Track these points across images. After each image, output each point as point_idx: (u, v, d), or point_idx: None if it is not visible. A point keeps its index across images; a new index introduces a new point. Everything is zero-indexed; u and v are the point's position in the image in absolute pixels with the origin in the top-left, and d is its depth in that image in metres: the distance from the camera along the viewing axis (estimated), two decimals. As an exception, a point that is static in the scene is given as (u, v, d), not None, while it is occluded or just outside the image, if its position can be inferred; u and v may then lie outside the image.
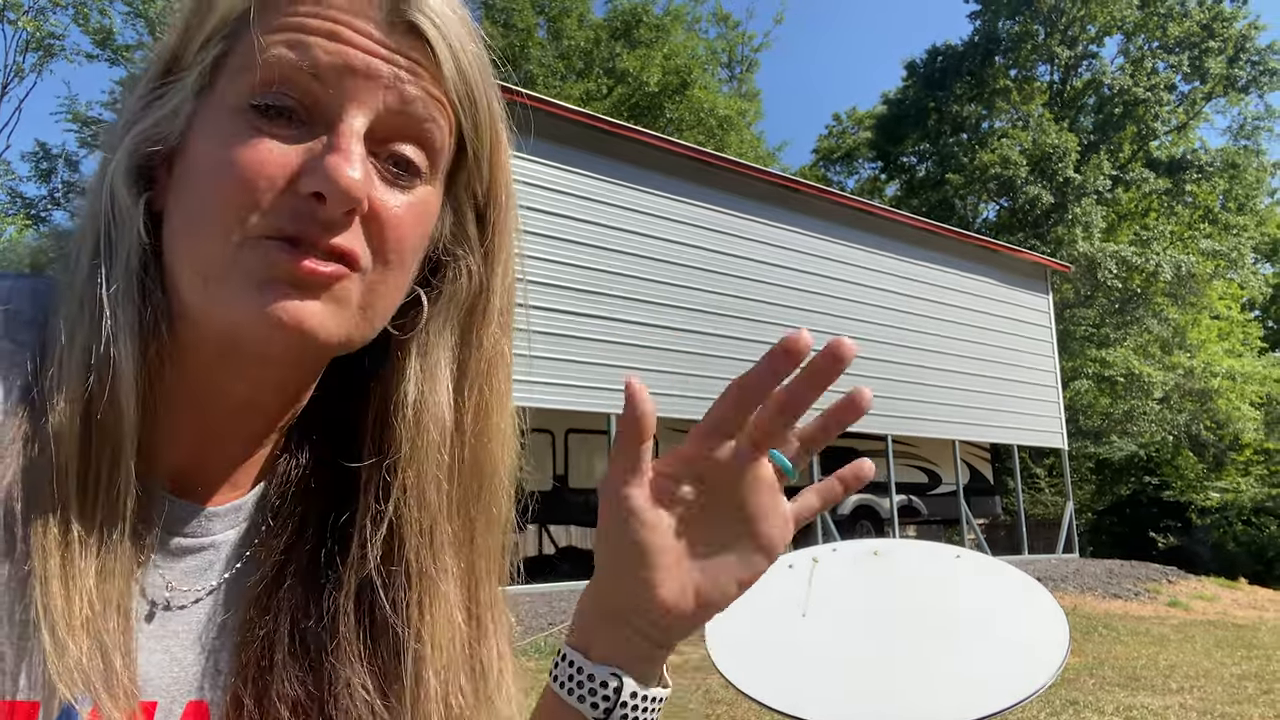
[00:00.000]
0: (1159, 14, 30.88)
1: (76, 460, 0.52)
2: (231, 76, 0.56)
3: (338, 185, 0.53)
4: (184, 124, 0.57)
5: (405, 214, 0.59)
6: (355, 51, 0.55)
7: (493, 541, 0.69)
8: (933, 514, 17.27)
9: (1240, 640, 9.76)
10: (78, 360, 0.53)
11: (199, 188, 0.55)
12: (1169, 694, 6.60)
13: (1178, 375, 25.09)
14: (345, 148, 0.54)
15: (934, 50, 34.44)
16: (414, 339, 0.64)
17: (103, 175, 0.57)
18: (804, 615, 0.79)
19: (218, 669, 0.61)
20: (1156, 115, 30.81)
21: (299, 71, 0.54)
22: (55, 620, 0.50)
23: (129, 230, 0.56)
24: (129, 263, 0.55)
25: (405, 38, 0.57)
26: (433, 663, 0.64)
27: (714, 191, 13.51)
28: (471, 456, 0.66)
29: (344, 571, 0.64)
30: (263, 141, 0.54)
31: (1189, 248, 28.44)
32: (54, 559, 0.50)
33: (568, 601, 10.09)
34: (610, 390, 11.97)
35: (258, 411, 0.63)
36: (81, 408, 0.53)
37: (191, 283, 0.55)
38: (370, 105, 0.56)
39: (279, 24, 0.55)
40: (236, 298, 0.54)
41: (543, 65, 27.46)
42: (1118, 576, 13.95)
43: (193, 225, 0.55)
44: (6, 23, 21.49)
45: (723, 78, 35.22)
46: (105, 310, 0.54)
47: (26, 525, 0.51)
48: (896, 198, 34.68)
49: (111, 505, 0.53)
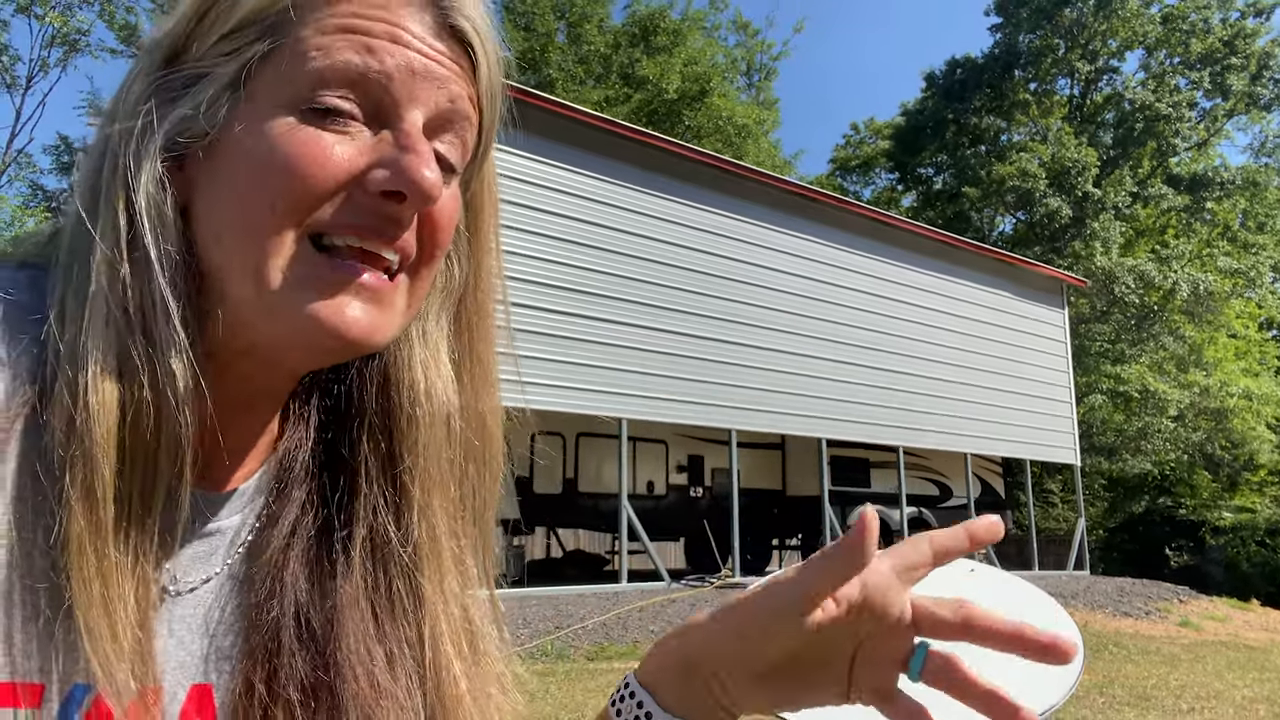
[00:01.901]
0: (1181, 30, 30.73)
1: (114, 468, 0.51)
2: (281, 73, 0.55)
3: (421, 185, 0.54)
4: (220, 120, 0.55)
5: (451, 212, 0.61)
6: (416, 55, 0.56)
7: (487, 522, 0.71)
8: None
9: (1252, 662, 9.66)
10: (114, 369, 0.52)
11: (251, 184, 0.54)
12: (1179, 714, 6.54)
13: (1193, 393, 24.90)
14: (421, 149, 0.55)
15: (953, 62, 34.39)
16: (414, 326, 0.66)
17: (114, 167, 0.55)
18: (814, 626, 0.78)
19: (222, 653, 0.61)
20: (1177, 131, 30.63)
21: (365, 75, 0.55)
22: (93, 623, 0.50)
23: (169, 236, 0.54)
24: (172, 269, 0.54)
25: (450, 42, 0.59)
26: (449, 636, 0.65)
27: (731, 199, 13.52)
28: (471, 438, 0.68)
29: (352, 551, 0.64)
30: (323, 137, 0.54)
31: (1207, 265, 28.25)
32: (89, 562, 0.50)
33: (574, 605, 10.07)
34: (621, 395, 11.97)
35: (269, 396, 0.64)
36: (119, 417, 0.51)
37: (241, 282, 0.55)
38: (428, 106, 0.57)
39: (333, 24, 0.55)
40: (297, 304, 0.54)
41: (562, 70, 27.54)
42: (1128, 595, 13.84)
43: (244, 223, 0.54)
44: (33, 17, 21.72)
45: (741, 85, 35.27)
46: (154, 317, 0.53)
47: (39, 516, 0.50)
48: (913, 209, 34.60)
49: (145, 513, 0.53)
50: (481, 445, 0.69)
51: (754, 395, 13.27)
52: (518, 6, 27.87)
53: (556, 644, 8.62)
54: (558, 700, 6.31)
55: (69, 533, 0.50)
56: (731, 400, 13.02)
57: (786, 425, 13.81)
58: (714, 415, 12.89)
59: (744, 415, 13.14)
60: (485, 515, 0.71)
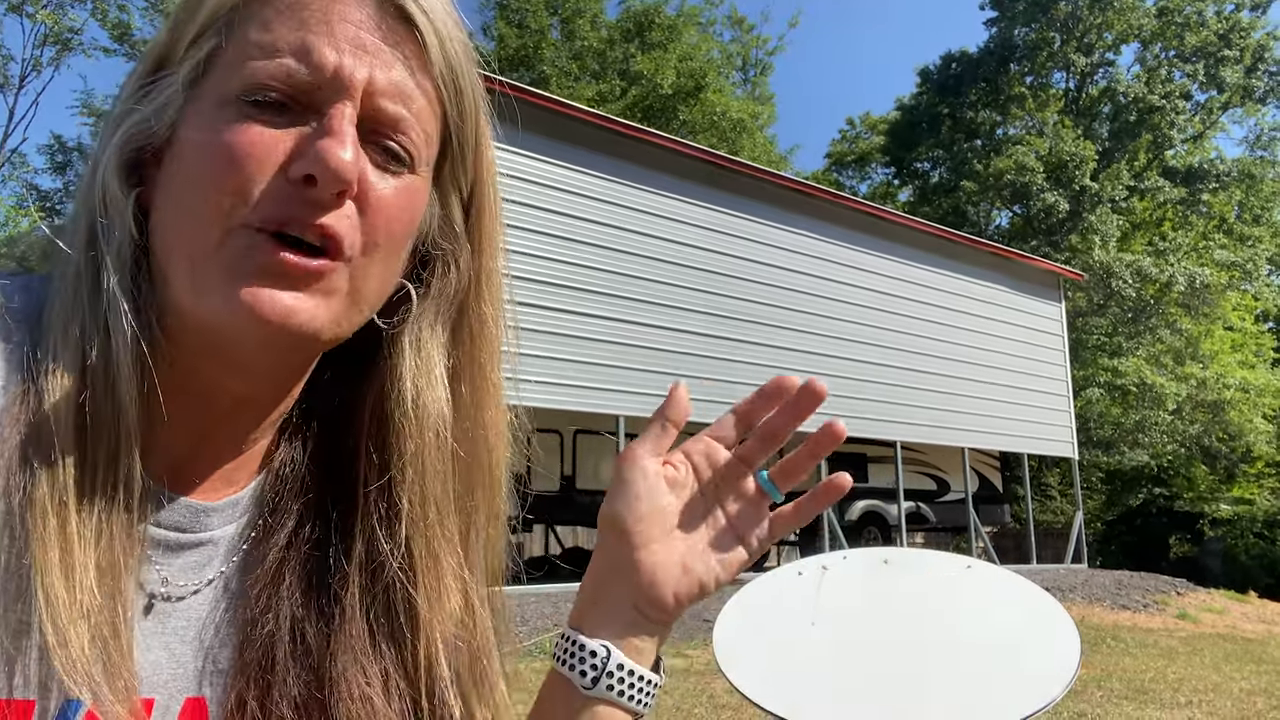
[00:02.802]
0: (1176, 23, 30.74)
1: (74, 454, 0.52)
2: (224, 70, 0.56)
3: (328, 165, 0.54)
4: (174, 117, 0.56)
5: (395, 199, 0.59)
6: (347, 45, 0.56)
7: (492, 533, 0.70)
8: (941, 521, 17.21)
9: (1249, 654, 9.68)
10: (72, 354, 0.53)
11: (187, 175, 0.55)
12: (1177, 708, 6.55)
13: (1190, 386, 24.95)
14: (338, 129, 0.55)
15: (949, 56, 34.37)
16: (406, 333, 0.64)
17: (94, 170, 0.57)
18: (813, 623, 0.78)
19: (216, 666, 0.61)
20: (1173, 124, 30.65)
21: (290, 67, 0.55)
22: (57, 614, 0.49)
23: (120, 224, 0.55)
24: (121, 256, 0.55)
25: (395, 24, 0.58)
26: (446, 654, 0.64)
27: (726, 195, 13.50)
28: (469, 449, 0.67)
29: (347, 567, 0.63)
30: (252, 127, 0.54)
31: (1203, 258, 28.28)
32: (54, 552, 0.50)
33: (572, 602, 10.07)
34: (619, 392, 11.97)
35: (252, 406, 0.63)
36: (77, 402, 0.52)
37: (178, 273, 0.55)
38: (356, 94, 0.56)
39: (272, 16, 0.56)
40: (219, 288, 0.54)
41: (556, 66, 27.49)
42: (1126, 587, 13.87)
43: (180, 214, 0.55)
44: (25, 16, 21.65)
45: (736, 81, 35.23)
46: (101, 304, 0.54)
47: (23, 520, 0.50)
48: (909, 203, 34.60)
49: (110, 500, 0.53)
50: (483, 454, 0.68)
51: (751, 390, 13.24)
52: (511, 3, 27.82)
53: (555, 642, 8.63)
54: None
55: (32, 498, 0.50)
56: (729, 396, 13.00)
57: (784, 421, 13.77)
58: (712, 411, 12.75)
59: (741, 411, 13.13)
60: (490, 526, 0.70)
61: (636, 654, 0.66)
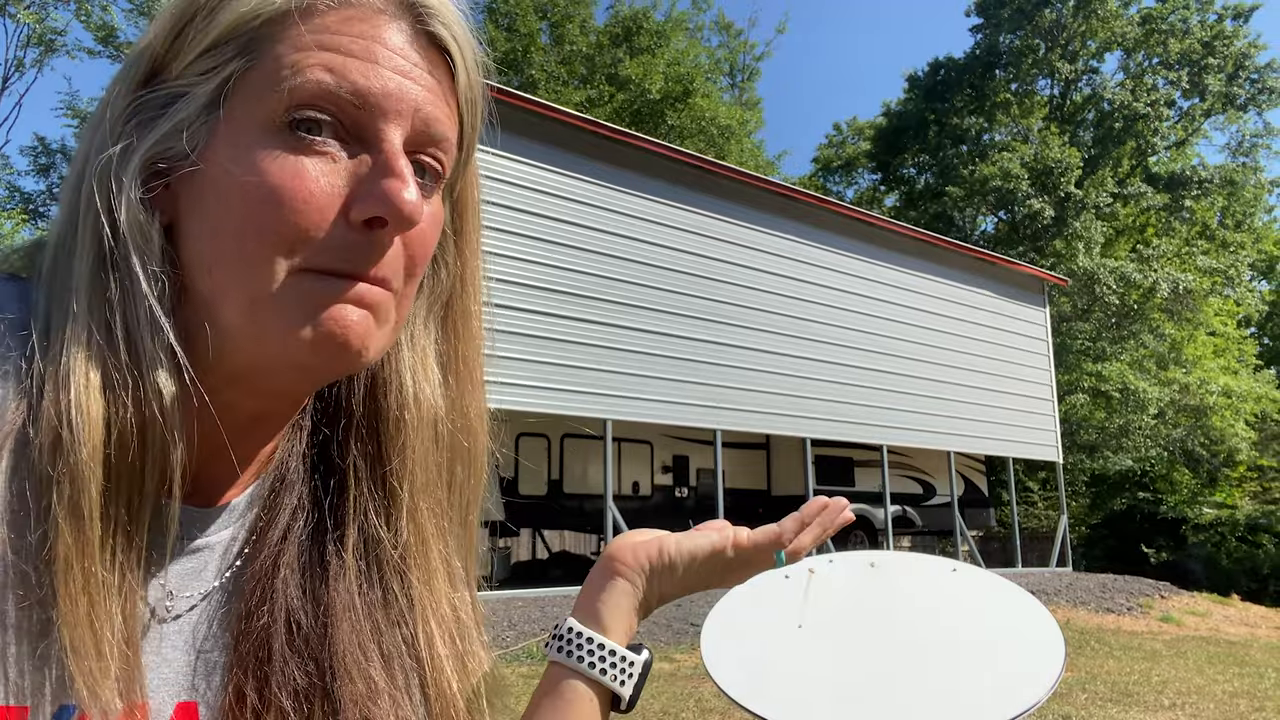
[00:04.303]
0: (1160, 31, 31.01)
1: (101, 487, 0.51)
2: (257, 93, 0.54)
3: (401, 210, 0.54)
4: (201, 140, 0.55)
5: (430, 226, 0.60)
6: (390, 72, 0.55)
7: (471, 519, 0.72)
8: (927, 525, 17.29)
9: (1232, 657, 9.76)
10: (98, 387, 0.51)
11: (240, 213, 0.53)
12: (1161, 710, 6.59)
13: (1173, 391, 25.13)
14: (400, 170, 0.55)
15: (935, 63, 34.57)
16: (403, 330, 0.66)
17: (101, 186, 0.54)
18: (800, 626, 0.78)
19: (210, 667, 0.61)
20: (1156, 131, 30.92)
21: (338, 96, 0.54)
22: (78, 641, 0.49)
23: (153, 254, 0.54)
24: (157, 287, 0.54)
25: (427, 49, 0.58)
26: (441, 635, 0.66)
27: (714, 199, 13.54)
28: (458, 440, 0.69)
29: (343, 554, 0.64)
30: (305, 166, 0.53)
31: (1186, 264, 28.51)
32: (76, 580, 0.49)
33: (560, 607, 10.06)
34: (607, 396, 11.97)
35: (267, 421, 0.64)
36: (104, 436, 0.51)
37: (233, 309, 0.54)
38: (406, 122, 0.56)
39: (309, 40, 0.54)
40: (292, 326, 0.54)
41: (544, 71, 27.50)
42: (1110, 591, 13.95)
43: (237, 253, 0.54)
44: (7, 16, 21.51)
45: (724, 86, 35.32)
46: (139, 334, 0.53)
47: (26, 534, 0.50)
48: (895, 209, 34.75)
49: (133, 530, 0.53)
50: (467, 446, 0.69)
51: (739, 395, 13.29)
52: (500, 7, 27.81)
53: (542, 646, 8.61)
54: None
55: (56, 551, 0.49)
56: (716, 400, 13.04)
57: (771, 425, 13.84)
58: (699, 416, 12.90)
59: (729, 415, 13.16)
60: (469, 516, 0.71)
61: (596, 622, 0.73)
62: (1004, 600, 0.82)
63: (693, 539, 0.77)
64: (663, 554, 0.76)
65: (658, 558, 0.75)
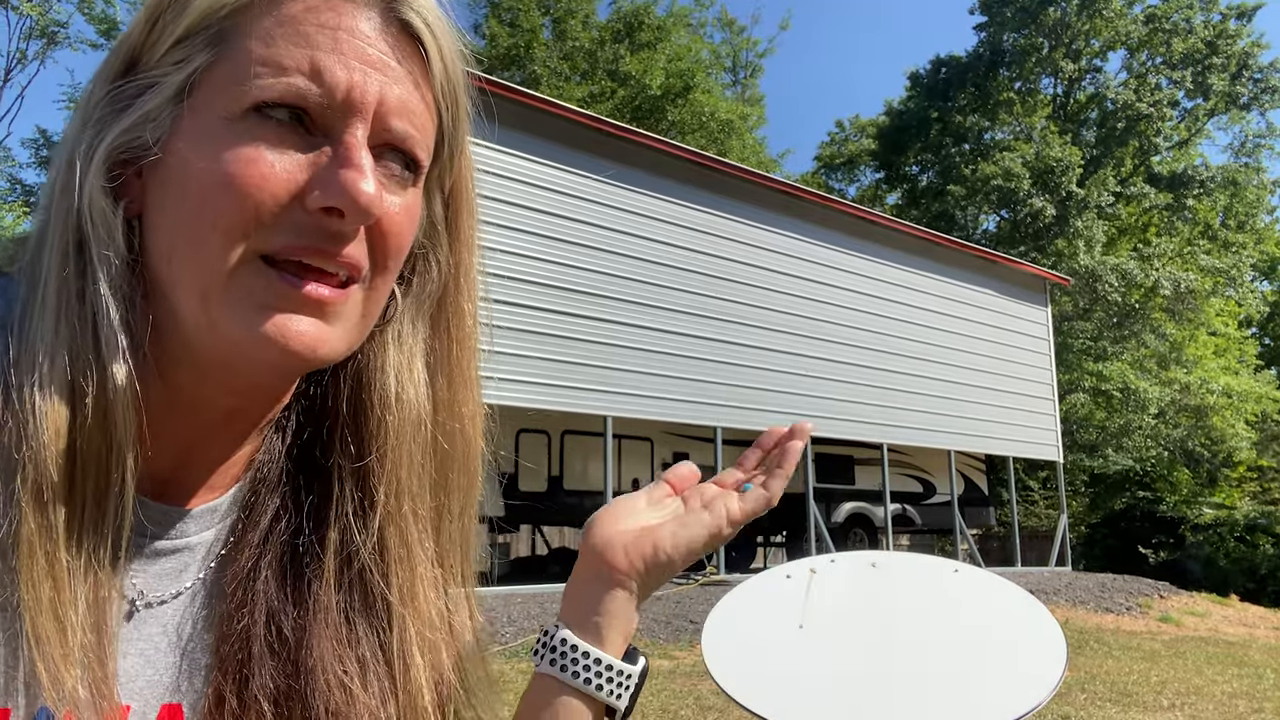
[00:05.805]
0: (1164, 30, 30.96)
1: (65, 491, 0.50)
2: (223, 85, 0.54)
3: (357, 201, 0.53)
4: (165, 130, 0.54)
5: (402, 218, 0.59)
6: (356, 62, 0.54)
7: (466, 524, 0.70)
8: (927, 524, 17.28)
9: (1231, 657, 9.76)
10: (60, 383, 0.51)
11: (193, 202, 0.53)
12: (1160, 710, 6.59)
13: (1174, 391, 25.12)
14: (358, 162, 0.54)
15: (938, 61, 34.52)
16: (388, 329, 0.65)
17: (70, 175, 0.54)
18: (801, 626, 0.78)
19: (193, 669, 0.60)
20: (1159, 130, 30.87)
21: (301, 91, 0.53)
22: (49, 657, 0.49)
23: (113, 242, 0.54)
24: (113, 273, 0.53)
25: (399, 38, 0.57)
26: (419, 644, 0.65)
27: (715, 196, 13.52)
28: (446, 442, 0.67)
29: (323, 557, 0.63)
30: (264, 153, 0.53)
31: (1188, 264, 28.49)
32: (44, 591, 0.49)
33: (559, 603, 10.05)
34: (607, 392, 11.97)
35: (242, 418, 0.63)
36: (68, 437, 0.51)
37: (189, 299, 0.54)
38: (369, 113, 0.55)
39: (277, 32, 0.54)
40: (240, 319, 0.53)
41: (547, 66, 27.46)
42: (1110, 590, 13.95)
43: (186, 241, 0.53)
44: (10, 9, 21.48)
45: (726, 82, 35.28)
46: (92, 331, 0.52)
47: (4, 555, 0.49)
48: (898, 207, 34.71)
49: (100, 534, 0.52)
50: (460, 447, 0.68)
51: (739, 393, 13.29)
52: (503, 2, 27.78)
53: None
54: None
55: (19, 535, 0.49)
56: (717, 398, 13.04)
57: (772, 422, 13.58)
58: (699, 413, 12.90)
59: (729, 413, 13.16)
60: (464, 518, 0.70)
61: (592, 635, 0.68)
62: (1005, 601, 0.82)
63: (688, 530, 0.72)
64: (658, 552, 0.71)
65: (653, 557, 0.70)
